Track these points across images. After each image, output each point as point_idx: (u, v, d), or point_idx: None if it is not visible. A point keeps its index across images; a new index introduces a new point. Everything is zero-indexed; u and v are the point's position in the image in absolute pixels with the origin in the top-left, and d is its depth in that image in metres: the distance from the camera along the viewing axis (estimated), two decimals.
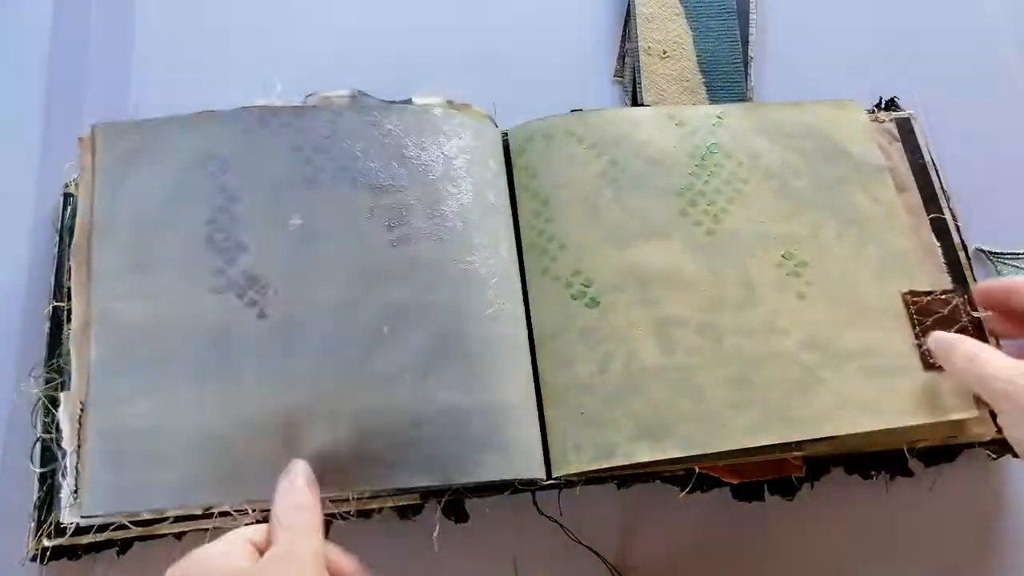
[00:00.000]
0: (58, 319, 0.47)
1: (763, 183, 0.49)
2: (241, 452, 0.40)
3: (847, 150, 0.51)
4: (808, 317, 0.46)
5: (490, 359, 0.43)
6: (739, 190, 0.49)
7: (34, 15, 0.57)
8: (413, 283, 0.43)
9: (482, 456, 0.41)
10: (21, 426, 0.46)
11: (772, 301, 0.46)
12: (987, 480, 0.50)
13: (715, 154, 0.50)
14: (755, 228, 0.48)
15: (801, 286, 0.47)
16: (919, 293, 0.47)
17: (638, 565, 0.48)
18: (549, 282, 0.47)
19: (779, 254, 0.48)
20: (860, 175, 0.50)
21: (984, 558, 0.49)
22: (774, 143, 0.51)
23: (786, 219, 0.49)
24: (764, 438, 0.43)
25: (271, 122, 0.44)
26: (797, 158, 0.50)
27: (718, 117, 0.51)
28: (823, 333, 0.46)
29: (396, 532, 0.46)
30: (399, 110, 0.46)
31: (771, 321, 0.46)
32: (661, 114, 0.51)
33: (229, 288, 0.42)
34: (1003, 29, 0.61)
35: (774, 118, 0.52)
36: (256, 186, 0.43)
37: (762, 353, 0.45)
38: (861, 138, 0.52)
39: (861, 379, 0.45)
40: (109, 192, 0.43)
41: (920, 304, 0.47)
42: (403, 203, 0.44)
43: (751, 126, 0.51)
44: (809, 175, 0.50)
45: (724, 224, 0.48)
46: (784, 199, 0.49)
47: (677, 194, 0.48)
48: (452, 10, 0.60)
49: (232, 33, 0.58)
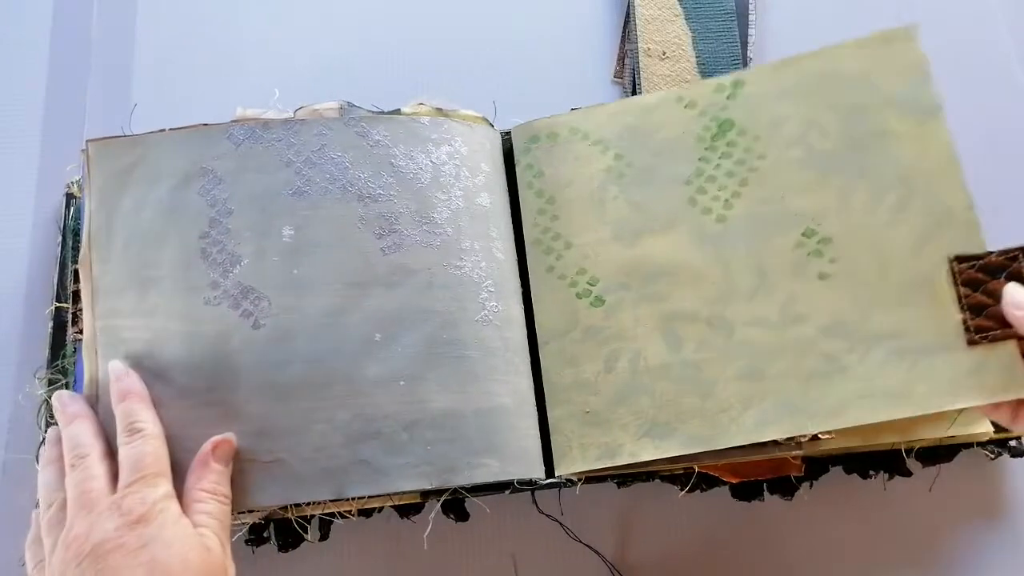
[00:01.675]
0: (61, 320, 0.48)
1: (783, 154, 0.46)
2: (241, 460, 0.41)
3: (890, 95, 0.45)
4: (830, 300, 0.43)
5: (483, 362, 0.44)
6: (754, 168, 0.46)
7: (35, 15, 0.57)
8: (404, 290, 0.44)
9: (477, 459, 0.42)
10: (24, 427, 0.46)
11: (788, 287, 0.44)
12: (985, 480, 0.50)
13: (728, 132, 0.47)
14: (770, 209, 0.45)
15: (824, 265, 0.44)
16: (969, 257, 0.42)
17: (637, 564, 0.48)
18: (554, 280, 0.47)
19: (798, 233, 0.44)
20: (905, 123, 0.45)
21: (983, 558, 0.49)
22: (799, 104, 0.46)
23: (809, 191, 0.45)
24: (774, 432, 0.42)
25: (262, 136, 0.45)
26: (827, 116, 0.46)
27: (732, 87, 0.47)
28: (848, 316, 0.43)
29: (396, 531, 0.47)
30: (387, 120, 0.46)
31: (787, 308, 0.43)
32: (669, 98, 0.48)
33: (224, 300, 0.42)
34: (1003, 29, 0.61)
35: (801, 73, 0.47)
36: (248, 199, 0.44)
37: (776, 344, 0.43)
38: (911, 75, 0.45)
39: (892, 363, 0.41)
40: (104, 210, 0.44)
41: (968, 274, 0.41)
42: (393, 211, 0.45)
43: (773, 89, 0.47)
44: (840, 135, 0.45)
45: (735, 209, 0.46)
46: (807, 168, 0.45)
47: (685, 183, 0.47)
48: (452, 12, 0.60)
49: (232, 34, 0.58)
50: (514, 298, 0.46)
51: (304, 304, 0.43)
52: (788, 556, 0.49)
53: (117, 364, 0.41)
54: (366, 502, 0.44)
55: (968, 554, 0.49)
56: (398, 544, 0.47)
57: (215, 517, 0.37)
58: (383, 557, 0.48)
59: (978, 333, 0.41)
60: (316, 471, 0.41)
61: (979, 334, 0.41)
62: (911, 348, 0.42)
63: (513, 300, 0.46)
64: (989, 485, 0.50)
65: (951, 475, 0.49)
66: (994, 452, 0.49)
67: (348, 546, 0.47)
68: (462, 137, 0.47)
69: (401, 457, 0.41)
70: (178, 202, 0.44)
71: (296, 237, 0.44)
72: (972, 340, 0.41)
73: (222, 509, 0.38)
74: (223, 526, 0.38)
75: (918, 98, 0.45)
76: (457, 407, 0.42)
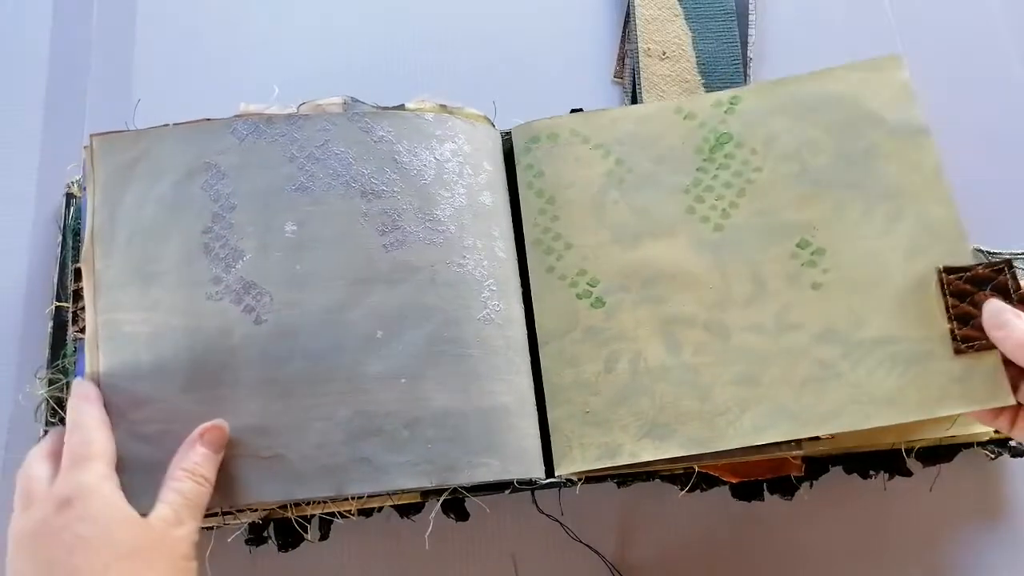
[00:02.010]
0: (61, 320, 0.48)
1: (778, 168, 0.47)
2: (241, 456, 0.40)
3: (880, 116, 0.47)
4: (824, 308, 0.45)
5: (485, 361, 0.44)
6: (750, 180, 0.47)
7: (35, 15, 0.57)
8: (407, 287, 0.44)
9: (478, 458, 0.42)
10: (24, 426, 0.46)
11: (783, 295, 0.45)
12: (985, 480, 0.51)
13: (725, 145, 0.48)
14: (766, 220, 0.47)
15: (817, 275, 0.45)
16: (956, 269, 0.43)
17: (637, 563, 0.48)
18: (555, 281, 0.47)
19: (793, 244, 0.46)
20: (895, 142, 0.47)
21: (982, 557, 0.49)
22: (794, 121, 0.48)
23: (803, 205, 0.47)
24: (770, 436, 0.43)
25: (265, 131, 0.45)
26: (819, 133, 0.48)
27: (730, 103, 0.49)
28: (840, 324, 0.44)
29: (397, 530, 0.47)
30: (391, 116, 0.46)
31: (782, 316, 0.45)
32: (668, 109, 0.50)
33: (226, 295, 0.42)
34: (1003, 29, 0.61)
35: (795, 92, 0.49)
36: (251, 194, 0.44)
37: (771, 350, 0.44)
38: (899, 99, 0.48)
39: (884, 370, 0.43)
40: (108, 205, 0.44)
41: (956, 285, 0.43)
42: (396, 208, 0.45)
43: (768, 106, 0.49)
44: (833, 151, 0.47)
45: (733, 219, 0.47)
46: (801, 183, 0.47)
47: (684, 191, 0.48)
48: (453, 12, 0.60)
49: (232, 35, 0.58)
50: (515, 298, 0.46)
51: (306, 300, 0.43)
52: (788, 556, 0.49)
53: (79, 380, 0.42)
54: (366, 501, 0.44)
55: (968, 554, 0.49)
56: (398, 544, 0.47)
57: (185, 495, 0.38)
58: (383, 557, 0.48)
59: (964, 343, 0.42)
60: (316, 468, 0.41)
61: (965, 343, 0.42)
62: (902, 355, 0.43)
63: (514, 300, 0.46)
64: (989, 485, 0.50)
65: (951, 475, 0.49)
66: (994, 452, 0.49)
67: (348, 546, 0.47)
68: (465, 135, 0.47)
69: (402, 455, 0.41)
70: (181, 197, 0.44)
71: (299, 233, 0.44)
72: (959, 349, 0.42)
73: (197, 490, 0.38)
74: (191, 505, 0.38)
75: (906, 120, 0.47)
76: (458, 406, 0.42)
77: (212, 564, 0.43)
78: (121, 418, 0.41)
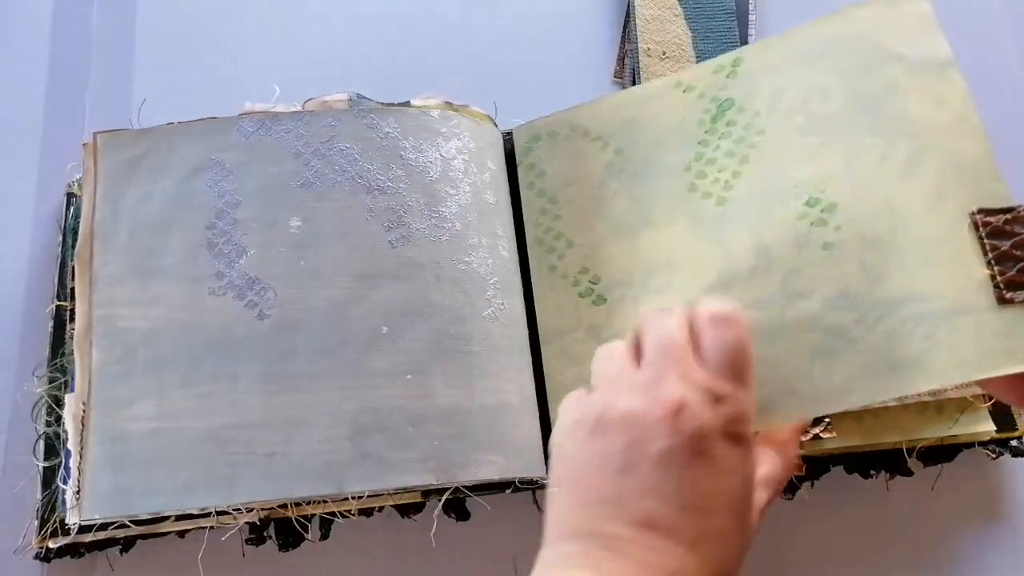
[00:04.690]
0: (61, 319, 0.47)
1: (784, 124, 0.44)
2: (240, 454, 0.40)
3: (898, 52, 0.42)
4: (836, 269, 0.40)
5: (489, 359, 0.43)
6: (753, 144, 0.44)
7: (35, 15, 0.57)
8: (412, 284, 0.43)
9: (481, 456, 0.42)
10: (23, 425, 0.46)
11: (790, 261, 0.41)
12: (986, 480, 0.50)
13: (727, 112, 0.45)
14: (771, 184, 0.43)
15: (828, 234, 0.41)
16: (993, 211, 0.37)
17: None
18: (557, 280, 0.47)
19: (801, 203, 0.42)
20: (916, 77, 0.41)
21: (984, 557, 0.49)
22: (800, 70, 0.44)
23: (811, 159, 0.42)
24: (777, 418, 0.40)
25: (271, 128, 0.45)
26: (829, 79, 0.43)
27: (732, 66, 0.46)
28: (855, 285, 0.39)
29: (397, 530, 0.47)
30: (396, 112, 0.46)
31: (789, 283, 0.41)
32: (668, 84, 0.48)
33: (229, 290, 0.42)
34: (1003, 29, 0.61)
35: (800, 41, 0.45)
36: (256, 191, 0.44)
37: (776, 323, 0.41)
38: (919, 32, 0.42)
39: (906, 331, 0.37)
40: (110, 200, 0.44)
41: (994, 225, 0.37)
42: (401, 204, 0.45)
43: (772, 61, 0.45)
44: (844, 96, 0.43)
45: (736, 190, 0.44)
46: (810, 134, 0.43)
47: (685, 169, 0.46)
48: (452, 11, 0.60)
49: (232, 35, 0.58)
50: (517, 296, 0.46)
51: (310, 295, 0.43)
52: (788, 556, 0.49)
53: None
54: (367, 501, 0.44)
55: (969, 554, 0.49)
56: (399, 544, 0.47)
57: None
58: (383, 557, 0.47)
59: (1009, 290, 0.36)
60: (318, 464, 0.40)
61: (1010, 291, 0.36)
62: (928, 313, 0.37)
63: (517, 298, 0.46)
64: (990, 485, 0.50)
65: (952, 475, 0.49)
66: (995, 452, 0.49)
67: (348, 546, 0.47)
68: (470, 132, 0.47)
69: (406, 451, 0.41)
70: (185, 193, 0.44)
71: (304, 228, 0.44)
72: (1002, 298, 0.36)
73: None
74: None
75: (929, 54, 0.42)
76: (463, 403, 0.42)
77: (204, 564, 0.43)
78: (114, 415, 0.40)
